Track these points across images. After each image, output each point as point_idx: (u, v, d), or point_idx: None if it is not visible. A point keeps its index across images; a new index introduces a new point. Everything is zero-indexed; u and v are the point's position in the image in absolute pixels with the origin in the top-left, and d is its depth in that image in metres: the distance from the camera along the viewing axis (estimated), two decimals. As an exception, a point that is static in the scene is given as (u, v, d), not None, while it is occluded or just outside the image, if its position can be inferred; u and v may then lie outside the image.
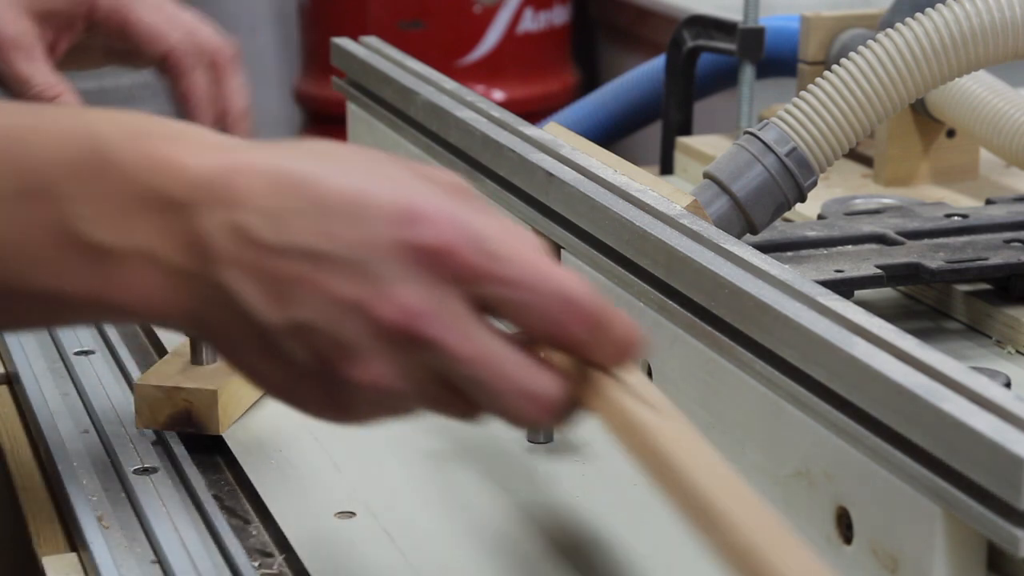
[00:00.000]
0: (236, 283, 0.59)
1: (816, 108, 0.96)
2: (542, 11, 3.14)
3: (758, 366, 0.78)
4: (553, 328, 0.60)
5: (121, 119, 0.61)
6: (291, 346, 0.60)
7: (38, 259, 0.60)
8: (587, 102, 1.77)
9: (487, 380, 0.60)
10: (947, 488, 0.66)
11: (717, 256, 0.84)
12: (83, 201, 0.59)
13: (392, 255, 0.59)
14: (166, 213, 0.59)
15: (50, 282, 0.60)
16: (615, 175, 0.95)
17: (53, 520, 0.87)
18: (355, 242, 0.59)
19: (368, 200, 0.60)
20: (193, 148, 0.60)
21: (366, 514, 0.83)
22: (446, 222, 0.60)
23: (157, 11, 0.88)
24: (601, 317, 0.61)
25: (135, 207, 0.59)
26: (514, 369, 0.60)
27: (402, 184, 0.61)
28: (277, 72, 3.48)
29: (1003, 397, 0.66)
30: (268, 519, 0.83)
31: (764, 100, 1.43)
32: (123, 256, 0.59)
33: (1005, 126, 1.18)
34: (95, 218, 0.59)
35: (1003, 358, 1.01)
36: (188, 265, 0.60)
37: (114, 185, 0.59)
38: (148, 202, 0.59)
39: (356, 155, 0.62)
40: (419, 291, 0.59)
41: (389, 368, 0.60)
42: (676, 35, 1.44)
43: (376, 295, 0.59)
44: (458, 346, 0.59)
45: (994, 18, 0.95)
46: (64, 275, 0.60)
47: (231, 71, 0.89)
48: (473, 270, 0.60)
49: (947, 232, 1.07)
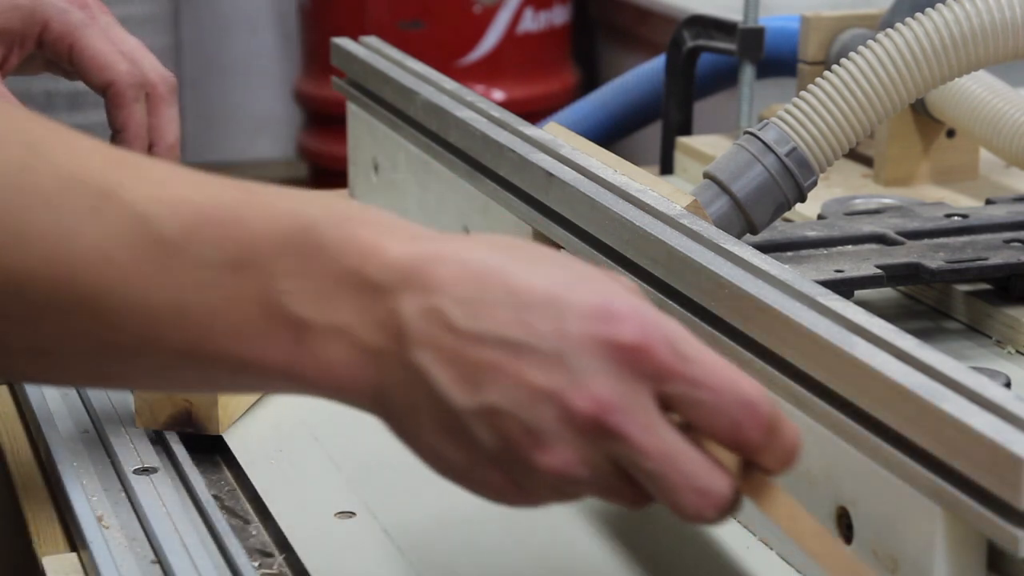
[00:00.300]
0: (429, 365, 0.62)
1: (816, 108, 0.96)
2: (542, 11, 3.14)
3: (758, 366, 0.78)
4: (732, 428, 0.63)
5: (328, 203, 0.64)
6: (479, 429, 0.62)
7: (241, 328, 0.62)
8: (587, 102, 1.77)
9: (666, 475, 0.63)
10: (947, 488, 0.66)
11: (717, 256, 0.84)
12: (289, 277, 0.62)
13: (587, 349, 0.62)
14: (365, 294, 0.62)
15: (248, 351, 0.63)
16: (615, 175, 0.95)
17: (53, 520, 0.87)
18: (552, 334, 0.62)
19: (564, 296, 0.63)
20: (393, 235, 0.63)
21: (366, 514, 0.83)
22: (641, 322, 0.62)
23: (104, 39, 0.89)
24: (775, 423, 0.64)
25: (337, 286, 0.62)
26: (691, 466, 0.63)
27: (595, 283, 0.64)
28: (277, 72, 3.48)
29: (1003, 397, 0.66)
30: (268, 519, 0.83)
31: (764, 100, 1.43)
32: (321, 331, 0.62)
33: (1005, 126, 1.18)
34: (299, 294, 0.62)
35: (1003, 358, 1.01)
36: (382, 344, 0.62)
37: (319, 264, 0.62)
38: (350, 282, 0.62)
39: (543, 253, 0.65)
40: (611, 384, 0.62)
41: (574, 456, 0.62)
42: (676, 35, 1.44)
43: (571, 386, 0.62)
44: (644, 440, 0.62)
45: (994, 18, 0.95)
46: (263, 345, 0.62)
47: (167, 104, 0.91)
48: (666, 368, 0.62)
49: (947, 232, 1.07)
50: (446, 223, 1.15)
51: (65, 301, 0.61)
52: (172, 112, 0.91)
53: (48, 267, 0.60)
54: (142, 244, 0.61)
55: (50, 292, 0.61)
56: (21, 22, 0.87)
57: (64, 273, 0.60)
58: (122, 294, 0.61)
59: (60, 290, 0.61)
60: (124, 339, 0.62)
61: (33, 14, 0.87)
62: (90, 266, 0.61)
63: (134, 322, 0.62)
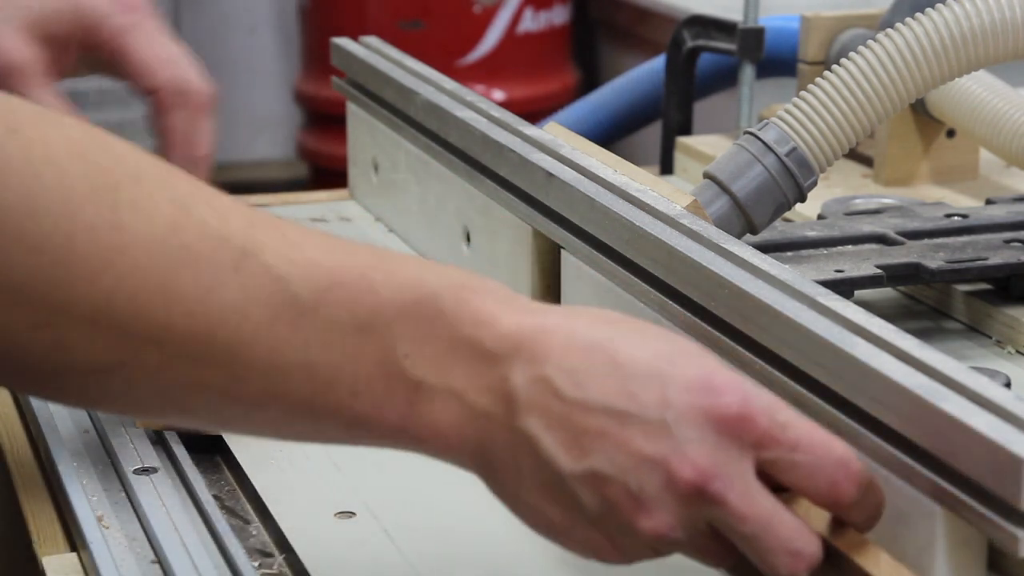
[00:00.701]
0: (537, 430, 0.65)
1: (816, 108, 0.96)
2: (542, 11, 3.14)
3: (758, 366, 0.78)
4: (829, 487, 0.67)
5: (447, 272, 0.68)
6: (582, 492, 0.65)
7: (361, 386, 0.66)
8: (587, 102, 1.77)
9: (762, 538, 0.66)
10: (947, 488, 0.66)
11: (717, 256, 0.84)
12: (410, 341, 0.66)
13: (690, 419, 0.65)
14: (479, 360, 0.66)
15: (366, 408, 0.66)
16: (615, 175, 0.95)
17: (53, 520, 0.87)
18: (656, 404, 0.65)
19: (667, 369, 0.66)
20: (507, 306, 0.67)
21: (366, 514, 0.83)
22: (742, 393, 0.66)
23: (152, 44, 0.88)
24: (868, 481, 0.68)
25: (453, 352, 0.66)
26: (785, 529, 0.66)
27: (695, 357, 0.67)
28: (277, 72, 3.48)
29: (1003, 397, 0.66)
30: (268, 519, 0.83)
31: (764, 100, 1.43)
32: (435, 392, 0.66)
33: (1005, 126, 1.18)
34: (417, 356, 0.66)
35: (1003, 358, 1.01)
36: (491, 408, 0.66)
37: (438, 330, 0.66)
38: (465, 349, 0.66)
39: (644, 327, 0.69)
40: (713, 453, 0.65)
41: (674, 519, 0.66)
42: (676, 35, 1.43)
43: (675, 453, 0.65)
44: (741, 506, 0.65)
45: (994, 18, 0.95)
46: (380, 404, 0.66)
47: (205, 115, 0.90)
48: (768, 436, 0.66)
49: (947, 232, 1.07)
50: (446, 223, 1.15)
51: (200, 353, 0.64)
52: (209, 124, 0.90)
53: (188, 321, 0.63)
54: (277, 304, 0.65)
55: (187, 344, 0.64)
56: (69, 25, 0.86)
57: (203, 327, 0.64)
58: (254, 349, 0.65)
59: (197, 343, 0.64)
60: (250, 391, 0.66)
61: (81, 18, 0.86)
62: (228, 322, 0.64)
63: (261, 376, 0.65)
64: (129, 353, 0.63)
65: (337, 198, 1.37)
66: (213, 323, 0.63)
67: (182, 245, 0.63)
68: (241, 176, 3.45)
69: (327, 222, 1.30)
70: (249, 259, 0.64)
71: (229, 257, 0.64)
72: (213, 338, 0.64)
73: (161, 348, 0.63)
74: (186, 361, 0.64)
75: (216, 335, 0.64)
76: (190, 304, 0.63)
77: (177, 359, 0.64)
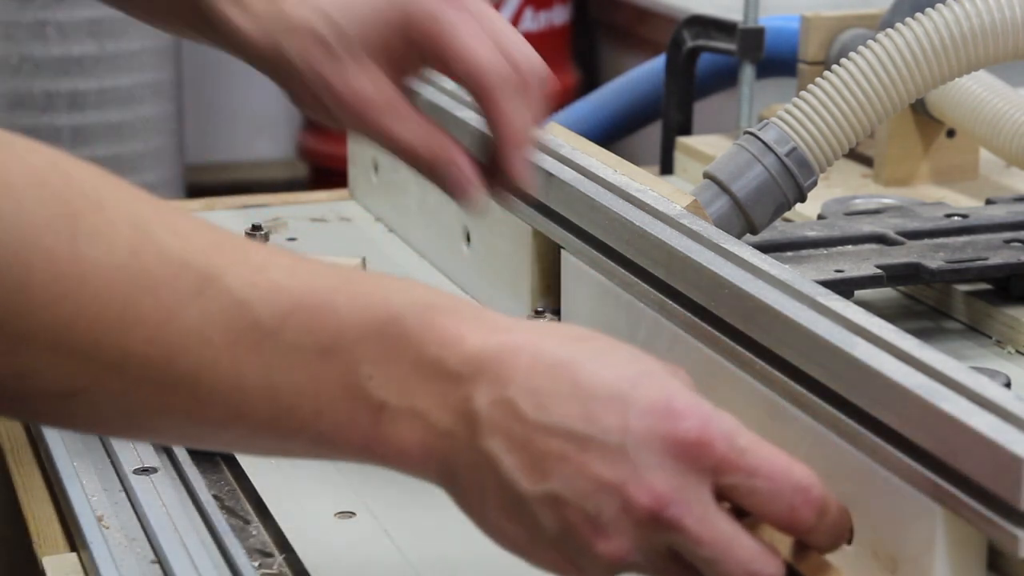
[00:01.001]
0: (498, 452, 0.66)
1: (816, 108, 0.96)
2: (542, 11, 3.14)
3: (758, 366, 0.78)
4: (788, 512, 0.67)
5: (414, 292, 0.68)
6: (542, 514, 0.66)
7: (325, 407, 0.66)
8: (587, 102, 1.77)
9: (721, 561, 0.66)
10: (947, 488, 0.66)
11: (717, 256, 0.84)
12: (373, 363, 0.66)
13: (649, 443, 0.65)
14: (443, 381, 0.66)
15: (330, 429, 0.66)
16: (615, 175, 0.95)
17: (53, 520, 0.87)
18: (616, 428, 0.65)
19: (628, 392, 0.66)
20: (472, 325, 0.67)
21: (366, 514, 0.83)
22: (702, 418, 0.66)
23: (471, 31, 0.82)
24: (826, 505, 0.68)
25: (417, 372, 0.66)
26: (744, 552, 0.66)
27: (657, 379, 0.67)
28: (277, 72, 3.47)
29: (1003, 397, 0.66)
30: (268, 519, 0.83)
31: (764, 100, 1.43)
32: (398, 413, 0.66)
33: (1005, 126, 1.18)
34: (381, 379, 0.66)
35: (1003, 358, 1.01)
36: (454, 428, 0.66)
37: (402, 352, 0.66)
38: (429, 370, 0.66)
39: (612, 346, 0.69)
40: (671, 478, 0.65)
41: (631, 543, 0.66)
42: (676, 35, 1.43)
43: (632, 479, 0.65)
44: (699, 530, 0.65)
45: (994, 18, 0.95)
46: (344, 425, 0.66)
47: (531, 99, 0.83)
48: (726, 462, 0.66)
49: (947, 232, 1.07)
50: (446, 223, 1.15)
51: (162, 379, 0.64)
52: (537, 108, 0.83)
53: (148, 348, 0.63)
54: (239, 328, 0.64)
55: (148, 369, 0.64)
56: (402, 30, 0.81)
57: (164, 354, 0.63)
58: (216, 374, 0.64)
59: (158, 369, 0.64)
60: (214, 414, 0.66)
61: (410, 16, 0.81)
62: (189, 348, 0.64)
63: (224, 399, 0.65)
64: (91, 379, 0.63)
65: (337, 198, 1.37)
66: (174, 349, 0.63)
67: (142, 270, 0.63)
68: (241, 176, 3.45)
69: (327, 222, 1.30)
70: (210, 283, 0.64)
71: (190, 282, 0.64)
72: (174, 364, 0.63)
73: (123, 374, 0.63)
74: (148, 386, 0.64)
75: (177, 361, 0.63)
76: (150, 331, 0.63)
77: (139, 384, 0.64)
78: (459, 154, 0.83)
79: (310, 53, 0.82)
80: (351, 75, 0.82)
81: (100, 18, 2.65)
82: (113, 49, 2.69)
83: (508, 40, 0.84)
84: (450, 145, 0.83)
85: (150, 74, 2.77)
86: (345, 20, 0.82)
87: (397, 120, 0.83)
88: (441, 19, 0.81)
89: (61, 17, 2.65)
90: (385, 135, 0.83)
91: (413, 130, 0.83)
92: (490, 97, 0.82)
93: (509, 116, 0.82)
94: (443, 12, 0.81)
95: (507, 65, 0.82)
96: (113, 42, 2.69)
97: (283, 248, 0.69)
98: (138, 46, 2.72)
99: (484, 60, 0.81)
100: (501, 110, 0.82)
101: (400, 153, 0.83)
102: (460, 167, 0.83)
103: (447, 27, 0.81)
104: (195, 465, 0.87)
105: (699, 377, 0.84)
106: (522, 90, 0.83)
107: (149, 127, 2.80)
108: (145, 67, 2.75)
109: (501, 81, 0.82)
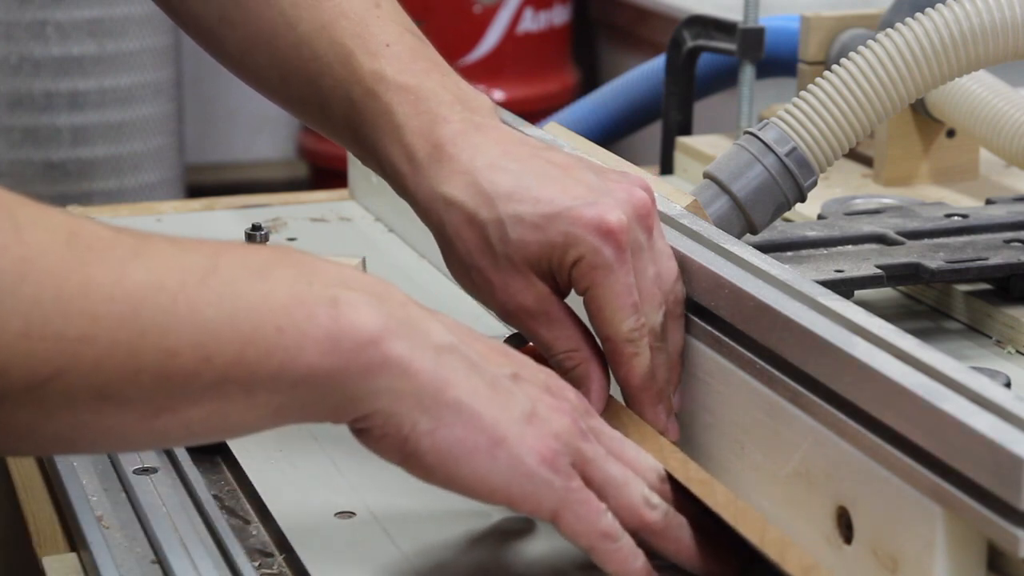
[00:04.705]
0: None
1: (816, 108, 0.96)
2: (542, 11, 3.14)
3: (758, 366, 0.78)
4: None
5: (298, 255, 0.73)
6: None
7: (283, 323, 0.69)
8: (587, 102, 1.77)
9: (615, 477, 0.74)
10: (947, 488, 0.66)
11: (717, 256, 0.84)
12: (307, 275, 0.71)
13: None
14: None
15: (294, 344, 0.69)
16: (615, 175, 0.95)
17: (53, 520, 0.87)
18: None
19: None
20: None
21: (366, 514, 0.83)
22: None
23: (622, 284, 0.82)
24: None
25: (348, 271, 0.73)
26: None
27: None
28: (277, 72, 3.47)
29: (1003, 397, 0.66)
30: (268, 519, 0.83)
31: (764, 100, 1.43)
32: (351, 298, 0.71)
33: (1005, 126, 1.18)
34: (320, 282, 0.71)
35: (1003, 358, 1.01)
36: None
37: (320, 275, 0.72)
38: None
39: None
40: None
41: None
42: (676, 35, 1.44)
43: None
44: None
45: (994, 18, 0.95)
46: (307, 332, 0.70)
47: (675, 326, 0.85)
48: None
49: (947, 232, 1.07)
50: (446, 223, 1.15)
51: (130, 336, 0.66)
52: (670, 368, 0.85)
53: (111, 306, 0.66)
54: (182, 270, 0.68)
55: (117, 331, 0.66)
56: (561, 256, 0.82)
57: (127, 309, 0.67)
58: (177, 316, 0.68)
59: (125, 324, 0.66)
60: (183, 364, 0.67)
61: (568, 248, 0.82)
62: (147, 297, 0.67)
63: (190, 340, 0.68)
64: (66, 357, 0.65)
65: (337, 198, 1.37)
66: (135, 300, 0.66)
67: (86, 247, 0.67)
68: (241, 176, 3.45)
69: (327, 222, 1.30)
70: (144, 245, 0.68)
71: (128, 247, 0.68)
72: (139, 315, 0.66)
73: (94, 342, 0.66)
74: (119, 349, 0.66)
75: (140, 312, 0.66)
76: (108, 290, 0.66)
77: (111, 350, 0.66)
78: (596, 368, 0.84)
79: (466, 237, 0.86)
80: (511, 281, 0.84)
81: (100, 18, 2.65)
82: (113, 49, 2.69)
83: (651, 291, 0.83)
84: (590, 357, 0.84)
85: (150, 74, 2.77)
86: (510, 222, 0.83)
87: (548, 326, 0.84)
88: (600, 264, 0.81)
89: (61, 17, 2.66)
90: (537, 338, 0.85)
91: (558, 338, 0.84)
92: (616, 358, 0.83)
93: (636, 373, 0.83)
94: (604, 259, 0.81)
95: (637, 326, 0.82)
96: (113, 42, 2.69)
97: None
98: (138, 46, 2.72)
99: (619, 323, 0.82)
100: (628, 369, 0.83)
101: (544, 354, 0.85)
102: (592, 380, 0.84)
103: (601, 275, 0.82)
104: (195, 465, 0.87)
105: (699, 376, 0.84)
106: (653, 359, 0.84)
107: (149, 127, 2.80)
108: (145, 67, 2.75)
109: (627, 344, 0.83)
